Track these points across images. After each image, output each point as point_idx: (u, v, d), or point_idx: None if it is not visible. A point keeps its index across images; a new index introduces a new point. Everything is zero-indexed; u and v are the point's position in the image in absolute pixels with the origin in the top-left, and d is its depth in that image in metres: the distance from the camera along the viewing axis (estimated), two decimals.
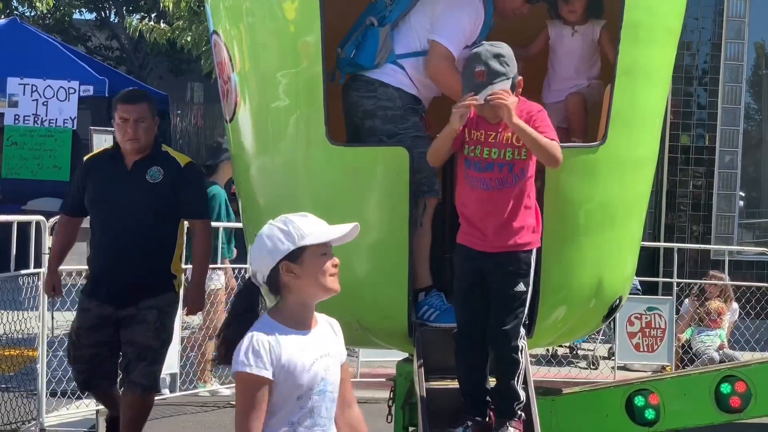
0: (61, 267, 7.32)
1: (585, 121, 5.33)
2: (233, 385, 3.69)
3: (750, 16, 11.53)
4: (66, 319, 8.99)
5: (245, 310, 3.49)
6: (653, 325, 9.12)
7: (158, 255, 5.88)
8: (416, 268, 4.87)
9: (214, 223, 7.38)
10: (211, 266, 6.84)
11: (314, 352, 3.40)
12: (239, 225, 6.42)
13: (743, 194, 11.87)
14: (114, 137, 8.17)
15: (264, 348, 3.33)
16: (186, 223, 6.09)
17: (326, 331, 3.50)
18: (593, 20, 5.29)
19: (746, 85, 11.80)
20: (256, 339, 3.35)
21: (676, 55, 5.50)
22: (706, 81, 11.60)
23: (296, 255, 3.38)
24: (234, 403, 3.51)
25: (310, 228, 3.40)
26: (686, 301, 9.89)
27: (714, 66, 11.58)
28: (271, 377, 3.32)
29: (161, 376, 6.60)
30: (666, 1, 5.11)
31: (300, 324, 3.42)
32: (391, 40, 4.96)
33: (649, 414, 5.59)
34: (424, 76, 4.96)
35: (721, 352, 9.52)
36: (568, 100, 5.31)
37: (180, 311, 7.96)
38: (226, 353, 3.45)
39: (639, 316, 9.12)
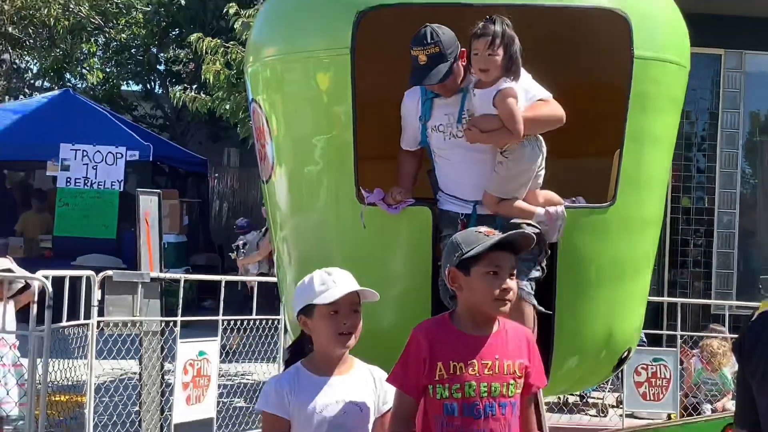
0: (109, 318, 7.37)
1: None
2: None
3: (745, 88, 11.55)
4: (112, 367, 9.00)
5: (295, 353, 3.48)
6: (659, 375, 9.00)
7: None
8: None
9: None
10: None
11: (331, 396, 3.35)
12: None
13: (741, 252, 11.80)
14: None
15: (282, 390, 3.32)
16: None
17: (358, 379, 3.44)
18: (503, 81, 4.54)
19: (742, 150, 11.78)
20: (277, 382, 3.35)
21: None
22: (705, 147, 11.60)
23: (309, 310, 3.36)
24: None
25: (324, 287, 3.34)
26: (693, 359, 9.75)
27: (712, 133, 11.57)
28: (287, 417, 3.30)
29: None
30: (670, 73, 5.10)
31: (324, 370, 3.39)
32: None
33: None
34: None
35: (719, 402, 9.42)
36: None
37: (217, 358, 7.98)
38: None
39: (645, 366, 9.00)
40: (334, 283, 3.36)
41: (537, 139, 4.66)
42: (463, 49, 4.64)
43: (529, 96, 4.62)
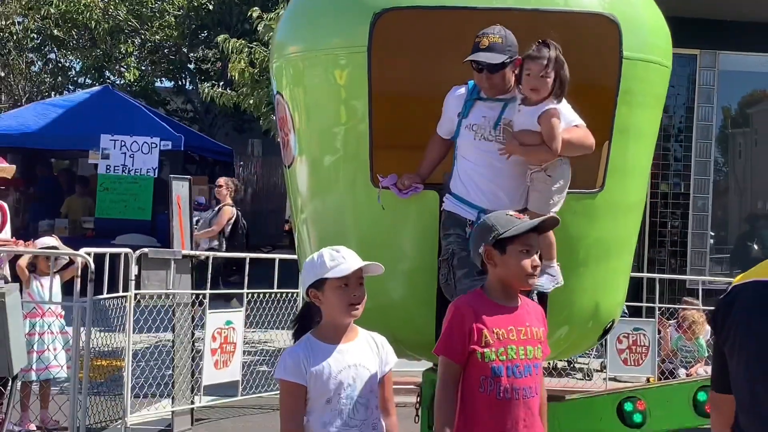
0: (144, 290, 7.37)
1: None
2: None
3: (718, 84, 11.50)
4: (148, 335, 9.02)
5: (303, 323, 3.45)
6: (638, 343, 9.00)
7: None
8: None
9: None
10: None
11: (343, 362, 3.32)
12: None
13: (713, 233, 11.78)
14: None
15: (298, 359, 3.29)
16: None
17: (363, 345, 3.41)
18: (549, 101, 4.43)
19: (715, 142, 11.73)
20: (292, 352, 3.32)
21: None
22: (682, 138, 11.55)
23: (320, 284, 3.32)
24: None
25: (334, 262, 3.31)
26: (670, 329, 9.73)
27: (688, 126, 11.53)
28: (303, 383, 3.27)
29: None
30: (654, 72, 5.05)
31: (332, 338, 3.35)
32: None
33: (637, 418, 5.49)
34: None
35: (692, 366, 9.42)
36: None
37: (242, 327, 7.98)
38: None
39: (627, 335, 9.00)
40: (343, 258, 3.33)
41: (568, 162, 4.55)
42: (518, 57, 4.47)
43: (567, 120, 4.52)
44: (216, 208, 11.53)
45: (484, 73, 4.52)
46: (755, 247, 12.17)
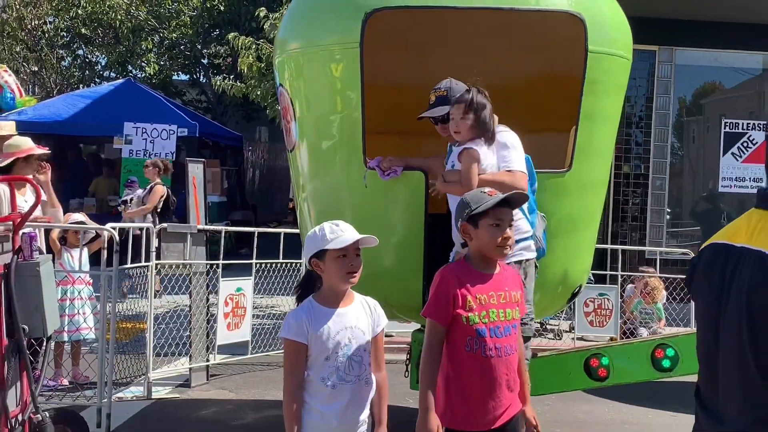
0: (163, 261, 7.36)
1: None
2: None
3: (675, 77, 11.48)
4: (167, 301, 9.01)
5: (305, 289, 3.45)
6: (603, 307, 9.04)
7: None
8: None
9: None
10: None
11: (340, 324, 3.32)
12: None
13: (669, 210, 11.79)
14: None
15: (301, 320, 3.29)
16: None
17: (358, 308, 3.41)
18: (475, 141, 4.32)
19: (671, 129, 11.71)
20: (295, 314, 3.32)
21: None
22: (642, 125, 11.53)
23: (321, 254, 3.31)
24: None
25: (334, 235, 3.29)
26: (629, 286, 9.78)
27: (647, 114, 11.51)
28: (305, 342, 3.28)
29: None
30: (617, 65, 5.05)
31: (332, 302, 3.35)
32: None
33: (602, 372, 5.52)
34: None
35: (652, 328, 9.45)
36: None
37: (251, 293, 7.98)
38: None
39: (592, 299, 9.04)
40: (342, 232, 3.32)
41: None
42: None
43: (503, 164, 4.34)
44: (148, 187, 11.34)
45: (439, 125, 4.52)
46: (706, 222, 12.19)
